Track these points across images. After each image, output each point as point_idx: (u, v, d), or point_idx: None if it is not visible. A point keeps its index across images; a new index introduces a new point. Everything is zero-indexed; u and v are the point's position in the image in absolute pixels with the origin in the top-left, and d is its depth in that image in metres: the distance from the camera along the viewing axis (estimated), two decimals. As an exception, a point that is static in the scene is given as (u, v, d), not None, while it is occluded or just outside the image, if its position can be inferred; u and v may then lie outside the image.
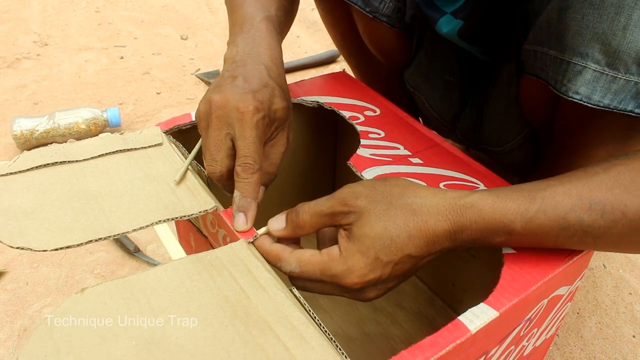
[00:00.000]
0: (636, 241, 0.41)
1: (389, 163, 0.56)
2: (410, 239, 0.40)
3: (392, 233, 0.40)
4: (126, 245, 0.85)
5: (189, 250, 0.69)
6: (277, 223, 0.45)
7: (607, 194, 0.40)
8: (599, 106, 0.46)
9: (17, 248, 0.43)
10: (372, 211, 0.41)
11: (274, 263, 0.44)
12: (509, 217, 0.41)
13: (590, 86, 0.46)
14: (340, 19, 0.78)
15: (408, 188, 0.43)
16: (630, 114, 0.46)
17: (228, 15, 0.59)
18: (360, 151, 0.58)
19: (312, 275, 0.42)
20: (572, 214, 0.40)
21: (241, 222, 0.47)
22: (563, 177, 0.42)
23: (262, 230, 0.47)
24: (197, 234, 0.61)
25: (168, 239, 0.51)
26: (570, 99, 0.47)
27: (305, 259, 0.42)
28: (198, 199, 0.50)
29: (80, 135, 1.09)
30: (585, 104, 0.47)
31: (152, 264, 0.83)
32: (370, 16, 0.69)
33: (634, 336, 0.75)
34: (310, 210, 0.43)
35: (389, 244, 0.40)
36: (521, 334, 0.48)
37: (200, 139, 0.56)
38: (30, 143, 1.06)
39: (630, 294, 0.82)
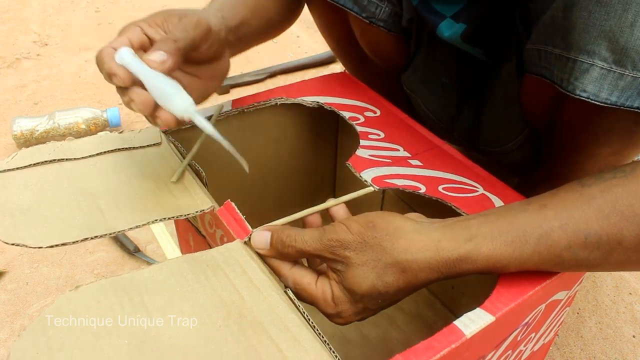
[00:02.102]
0: (634, 266, 0.41)
1: (388, 164, 0.56)
2: (398, 292, 0.41)
3: (380, 290, 0.40)
4: (126, 245, 0.85)
5: (188, 249, 0.69)
6: (261, 241, 0.44)
7: (604, 224, 0.39)
8: (606, 104, 0.46)
9: (13, 244, 0.43)
10: (359, 267, 0.40)
11: (272, 270, 0.44)
12: (502, 263, 0.40)
13: (598, 84, 0.46)
14: (336, 25, 0.77)
15: (398, 241, 0.40)
16: (636, 110, 0.46)
17: None
18: (360, 152, 0.57)
19: (305, 300, 0.43)
20: (567, 251, 0.40)
21: None
22: (559, 203, 0.41)
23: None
24: (196, 234, 0.61)
25: (165, 239, 0.51)
26: (577, 97, 0.47)
27: (302, 285, 0.42)
28: (195, 199, 0.50)
29: (80, 135, 1.09)
30: (593, 101, 0.47)
31: (151, 264, 0.83)
32: (367, 21, 0.69)
33: (634, 336, 0.75)
34: (297, 245, 0.42)
35: (377, 298, 0.41)
36: (518, 339, 0.47)
37: (199, 139, 0.56)
38: (30, 143, 1.06)
39: (630, 294, 0.82)
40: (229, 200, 0.49)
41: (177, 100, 0.45)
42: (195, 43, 0.49)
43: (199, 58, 0.52)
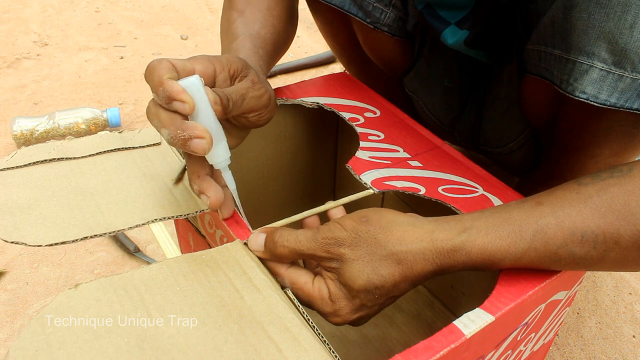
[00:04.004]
0: (631, 265, 0.41)
1: (387, 166, 0.56)
2: (395, 286, 0.40)
3: (376, 284, 0.40)
4: (126, 245, 0.85)
5: (188, 249, 0.69)
6: (256, 243, 0.44)
7: (600, 222, 0.39)
8: (606, 105, 0.46)
9: (12, 242, 0.43)
10: (354, 262, 0.40)
11: (270, 271, 0.44)
12: (498, 257, 0.40)
13: (597, 85, 0.46)
14: (339, 30, 0.78)
15: (392, 233, 0.41)
16: (636, 112, 0.46)
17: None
18: (359, 154, 0.57)
19: (302, 300, 0.43)
20: (563, 249, 0.40)
21: None
22: (556, 201, 0.41)
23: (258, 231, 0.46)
24: (196, 234, 0.61)
25: (165, 239, 0.50)
26: (577, 98, 0.47)
27: (298, 285, 0.42)
28: (195, 199, 0.50)
29: (80, 135, 1.09)
30: (592, 103, 0.47)
31: (151, 264, 0.83)
32: (372, 27, 0.69)
33: (634, 336, 0.75)
34: (290, 246, 0.42)
35: (374, 292, 0.40)
36: (518, 339, 0.47)
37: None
38: (30, 143, 1.06)
39: (630, 294, 0.82)
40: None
41: (219, 151, 0.44)
42: (243, 112, 0.47)
43: (242, 123, 0.49)
